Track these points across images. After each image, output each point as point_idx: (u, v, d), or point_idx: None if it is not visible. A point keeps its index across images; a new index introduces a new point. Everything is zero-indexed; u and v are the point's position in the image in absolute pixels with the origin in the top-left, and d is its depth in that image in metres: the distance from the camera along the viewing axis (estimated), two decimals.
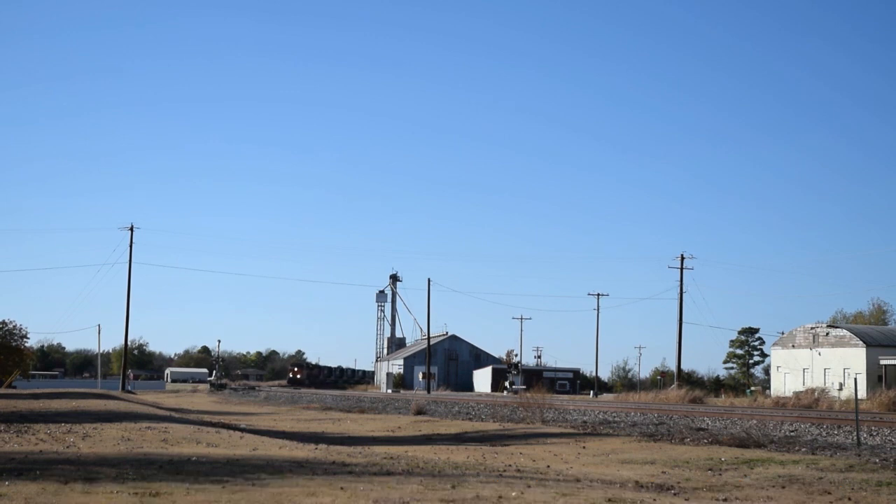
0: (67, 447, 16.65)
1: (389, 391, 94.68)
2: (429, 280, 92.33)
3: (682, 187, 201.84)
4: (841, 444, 22.71)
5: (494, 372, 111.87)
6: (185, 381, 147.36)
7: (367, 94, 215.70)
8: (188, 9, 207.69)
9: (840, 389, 67.62)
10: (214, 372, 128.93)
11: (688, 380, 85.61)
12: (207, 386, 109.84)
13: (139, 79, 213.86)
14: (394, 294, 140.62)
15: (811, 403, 52.28)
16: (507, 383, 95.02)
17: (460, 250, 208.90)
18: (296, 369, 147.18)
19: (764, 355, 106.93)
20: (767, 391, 78.19)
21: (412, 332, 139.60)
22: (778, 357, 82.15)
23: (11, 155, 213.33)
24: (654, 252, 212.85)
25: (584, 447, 22.98)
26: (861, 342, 73.26)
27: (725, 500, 13.19)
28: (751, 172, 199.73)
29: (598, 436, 26.80)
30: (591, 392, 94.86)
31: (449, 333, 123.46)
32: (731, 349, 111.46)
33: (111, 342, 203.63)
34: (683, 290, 78.07)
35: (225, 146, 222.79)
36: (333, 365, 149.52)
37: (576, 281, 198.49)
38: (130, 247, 79.75)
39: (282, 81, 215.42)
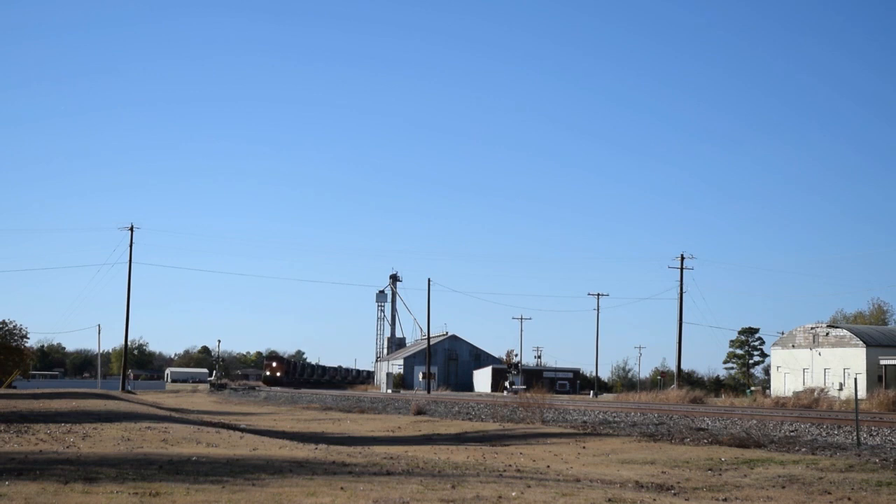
0: (67, 447, 16.65)
1: (389, 391, 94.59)
2: (429, 280, 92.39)
3: (682, 187, 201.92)
4: (841, 444, 22.71)
5: (494, 372, 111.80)
6: (185, 381, 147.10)
7: (366, 93, 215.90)
8: (187, 9, 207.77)
9: (840, 389, 67.61)
10: (214, 372, 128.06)
11: (688, 380, 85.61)
12: (207, 386, 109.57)
13: (139, 79, 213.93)
14: (394, 294, 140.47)
15: (811, 403, 52.25)
16: (507, 383, 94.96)
17: (460, 250, 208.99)
18: (274, 365, 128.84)
19: (764, 355, 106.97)
20: (767, 391, 78.11)
21: (412, 332, 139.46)
22: (778, 357, 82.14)
23: (11, 155, 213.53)
24: (654, 252, 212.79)
25: (584, 447, 22.98)
26: (861, 342, 73.25)
27: (725, 500, 13.19)
28: (751, 172, 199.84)
29: (598, 436, 26.80)
30: (591, 392, 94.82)
31: (449, 333, 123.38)
32: (731, 349, 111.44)
33: (111, 342, 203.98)
34: (683, 290, 78.05)
35: (225, 146, 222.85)
36: (334, 364, 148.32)
37: (576, 281, 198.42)
38: (130, 247, 79.75)
39: (282, 81, 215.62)
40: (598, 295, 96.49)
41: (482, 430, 30.14)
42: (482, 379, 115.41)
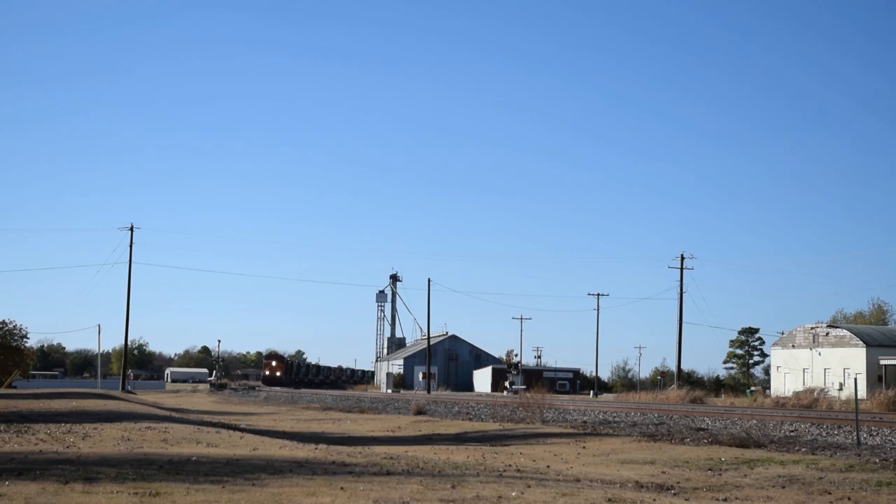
0: (67, 447, 16.65)
1: (389, 391, 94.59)
2: (429, 280, 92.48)
3: (682, 187, 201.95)
4: (841, 444, 22.71)
5: (494, 372, 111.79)
6: (185, 381, 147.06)
7: (366, 93, 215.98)
8: (188, 8, 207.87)
9: (840, 389, 67.61)
10: (214, 372, 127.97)
11: (688, 380, 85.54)
12: (207, 386, 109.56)
13: (139, 79, 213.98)
14: (394, 294, 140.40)
15: (811, 403, 52.22)
16: (507, 383, 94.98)
17: (460, 250, 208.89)
18: (273, 364, 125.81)
19: (764, 355, 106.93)
20: (767, 391, 78.08)
21: (412, 332, 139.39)
22: (778, 357, 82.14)
23: (11, 155, 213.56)
24: (654, 252, 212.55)
25: (584, 447, 22.98)
26: (861, 342, 73.24)
27: (725, 500, 13.19)
28: (751, 172, 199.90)
29: (598, 436, 26.80)
30: (591, 392, 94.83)
31: (449, 333, 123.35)
32: (731, 349, 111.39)
33: (111, 342, 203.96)
34: (683, 290, 78.10)
35: (225, 145, 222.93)
36: (334, 364, 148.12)
37: (576, 281, 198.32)
38: (130, 247, 79.78)
39: (281, 80, 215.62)
40: (598, 295, 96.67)
41: (482, 430, 30.14)
42: (482, 379, 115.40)
